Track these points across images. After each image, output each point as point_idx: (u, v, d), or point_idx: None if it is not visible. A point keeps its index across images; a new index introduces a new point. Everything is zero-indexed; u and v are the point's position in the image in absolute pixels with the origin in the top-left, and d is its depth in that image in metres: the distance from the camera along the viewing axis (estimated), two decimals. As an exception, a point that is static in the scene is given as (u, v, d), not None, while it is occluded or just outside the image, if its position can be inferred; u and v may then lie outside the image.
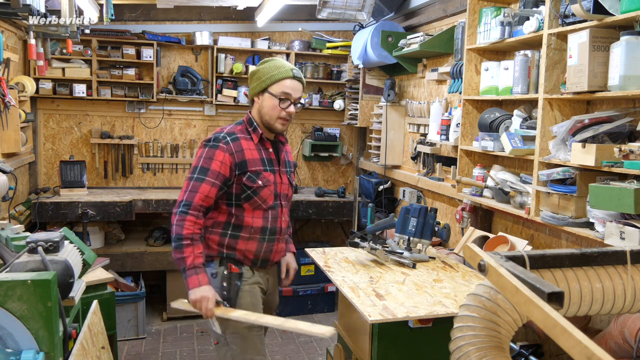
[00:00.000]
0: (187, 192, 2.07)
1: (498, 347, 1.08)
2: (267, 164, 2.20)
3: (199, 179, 2.08)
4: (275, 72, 2.17)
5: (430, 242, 2.69)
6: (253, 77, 2.23)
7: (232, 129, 2.21)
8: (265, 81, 2.17)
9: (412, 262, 2.56)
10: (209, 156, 2.10)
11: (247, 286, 2.17)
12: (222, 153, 2.10)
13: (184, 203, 2.06)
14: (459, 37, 3.25)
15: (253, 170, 2.14)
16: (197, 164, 2.11)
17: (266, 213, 2.19)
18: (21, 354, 1.42)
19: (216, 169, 2.08)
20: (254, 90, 2.21)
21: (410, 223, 2.65)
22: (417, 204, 2.72)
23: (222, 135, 2.15)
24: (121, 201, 4.13)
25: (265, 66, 2.21)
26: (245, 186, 2.13)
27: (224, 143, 2.12)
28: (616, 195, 1.91)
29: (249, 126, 2.23)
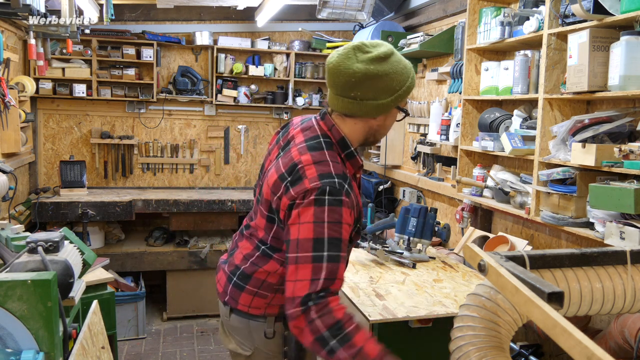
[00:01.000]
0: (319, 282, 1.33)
1: (498, 347, 1.08)
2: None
3: (334, 258, 1.35)
4: (410, 78, 1.51)
5: (430, 242, 2.69)
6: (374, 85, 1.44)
7: (337, 167, 1.44)
8: (402, 95, 1.49)
9: (412, 262, 2.56)
10: (335, 219, 1.37)
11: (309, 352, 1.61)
12: (348, 210, 1.41)
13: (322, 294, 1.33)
14: (459, 37, 3.25)
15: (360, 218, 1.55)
16: (321, 233, 1.36)
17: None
18: (21, 354, 1.42)
19: (346, 237, 1.41)
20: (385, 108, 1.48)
21: (410, 223, 2.65)
22: (417, 204, 2.72)
23: (337, 181, 1.40)
24: (121, 201, 4.13)
25: (395, 70, 1.46)
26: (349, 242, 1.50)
27: (346, 194, 1.40)
28: (616, 195, 1.91)
29: (341, 151, 1.52)
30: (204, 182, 4.99)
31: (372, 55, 1.44)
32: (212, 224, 4.45)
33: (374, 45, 1.47)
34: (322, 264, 1.34)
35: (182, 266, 4.33)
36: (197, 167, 4.95)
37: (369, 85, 1.43)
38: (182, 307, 4.38)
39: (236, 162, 5.07)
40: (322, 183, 1.38)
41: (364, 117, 1.50)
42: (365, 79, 1.42)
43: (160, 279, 4.70)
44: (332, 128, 1.52)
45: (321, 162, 1.43)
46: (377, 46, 1.47)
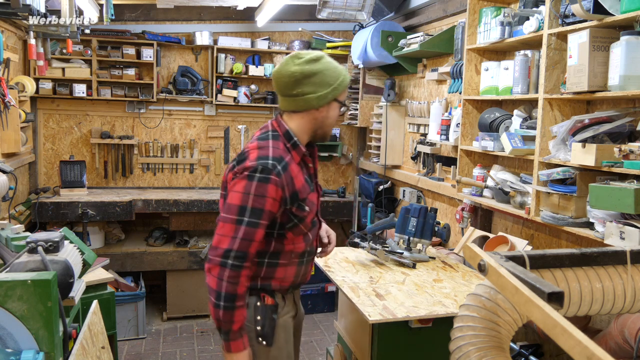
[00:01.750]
0: (237, 240, 1.66)
1: (498, 347, 1.08)
2: (310, 184, 1.87)
3: (253, 224, 1.67)
4: (342, 75, 1.81)
5: (430, 242, 2.69)
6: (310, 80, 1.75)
7: (277, 151, 1.75)
8: (337, 88, 1.79)
9: (412, 262, 2.56)
10: (261, 193, 1.68)
11: (282, 320, 1.88)
12: (274, 188, 1.69)
13: (235, 254, 1.65)
14: (459, 37, 3.25)
15: (303, 197, 1.79)
16: (245, 202, 1.67)
17: (306, 237, 1.89)
18: (21, 354, 1.42)
19: (270, 209, 1.70)
20: (323, 99, 1.77)
21: (410, 223, 2.65)
22: (417, 204, 2.73)
23: (270, 162, 1.70)
24: (121, 201, 4.14)
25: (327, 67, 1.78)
26: (293, 215, 1.78)
27: (276, 174, 1.70)
28: (616, 195, 1.91)
29: (287, 141, 1.80)
30: (204, 182, 4.99)
31: (305, 59, 1.76)
32: (212, 224, 4.45)
33: (307, 53, 1.79)
34: (242, 227, 1.66)
35: (182, 266, 4.33)
36: (197, 167, 4.95)
37: (307, 82, 1.75)
38: (182, 307, 4.38)
39: (236, 162, 5.06)
40: (258, 163, 1.69)
41: (307, 109, 1.80)
42: (303, 77, 1.74)
43: (160, 279, 4.70)
44: (280, 124, 1.83)
45: (263, 147, 1.75)
46: (309, 53, 1.79)
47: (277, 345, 1.84)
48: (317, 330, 4.29)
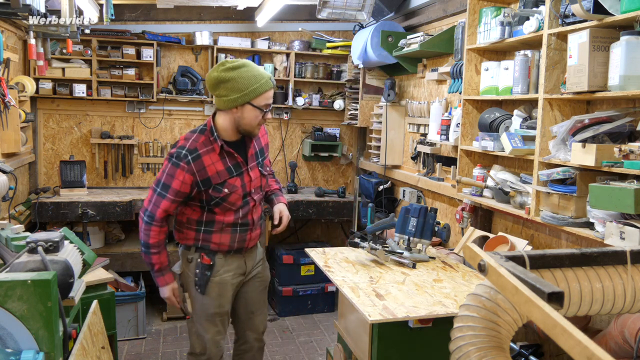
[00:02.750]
0: (151, 204, 2.24)
1: (498, 347, 1.08)
2: (233, 171, 2.27)
3: (161, 195, 2.22)
4: (256, 84, 2.14)
5: (430, 242, 2.69)
6: (224, 85, 2.13)
7: (194, 144, 2.21)
8: (248, 94, 2.14)
9: (412, 262, 2.56)
10: (171, 173, 2.19)
11: (217, 278, 2.34)
12: (182, 173, 2.17)
13: (148, 213, 2.25)
14: (459, 37, 3.25)
15: (217, 182, 2.22)
16: (161, 177, 2.21)
17: (237, 213, 2.32)
18: (21, 354, 1.42)
19: (176, 188, 2.19)
20: (234, 102, 2.14)
21: (410, 223, 2.65)
22: (417, 204, 2.72)
23: (183, 152, 2.18)
24: (121, 201, 4.14)
25: (241, 75, 2.12)
26: (212, 196, 2.24)
27: (186, 163, 2.17)
28: (616, 195, 1.91)
29: (210, 136, 2.24)
30: (204, 182, 4.98)
31: (225, 67, 2.12)
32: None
33: (232, 62, 2.14)
34: (155, 195, 2.23)
35: (182, 266, 4.32)
36: (197, 167, 4.95)
37: (222, 86, 2.13)
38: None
39: (236, 162, 5.06)
40: (176, 151, 2.19)
41: (224, 109, 2.20)
42: (218, 82, 2.13)
43: (160, 279, 4.70)
44: (211, 121, 2.26)
45: (187, 139, 2.23)
46: (233, 61, 2.15)
47: (209, 295, 2.34)
48: (317, 330, 4.28)
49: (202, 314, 2.37)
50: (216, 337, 2.41)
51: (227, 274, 2.37)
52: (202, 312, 2.36)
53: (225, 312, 2.43)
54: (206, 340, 2.39)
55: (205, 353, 2.41)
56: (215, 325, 2.39)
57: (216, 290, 2.35)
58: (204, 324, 2.38)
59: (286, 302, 4.47)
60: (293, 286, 4.48)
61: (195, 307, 2.38)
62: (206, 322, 2.38)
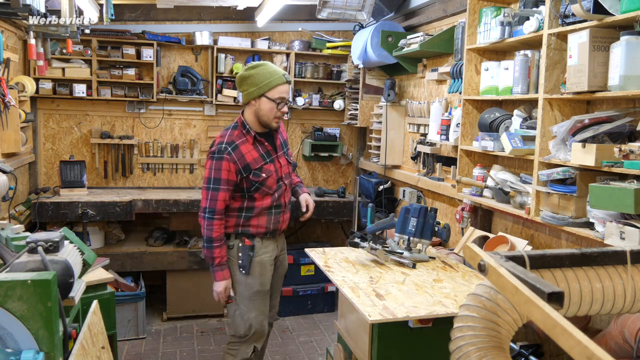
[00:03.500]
0: (208, 200, 2.52)
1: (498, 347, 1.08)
2: (266, 158, 2.60)
3: (215, 189, 2.51)
4: (270, 78, 2.50)
5: (430, 242, 2.69)
6: (245, 82, 2.53)
7: (230, 138, 2.55)
8: (262, 87, 2.50)
9: (412, 262, 2.56)
10: (218, 167, 2.50)
11: (258, 258, 2.63)
12: (227, 163, 2.50)
13: (209, 210, 2.52)
14: (459, 37, 3.25)
15: (256, 167, 2.55)
16: (210, 175, 2.52)
17: (272, 196, 2.63)
18: (21, 354, 1.42)
19: (225, 178, 2.51)
20: (251, 95, 2.53)
21: (410, 223, 2.65)
22: (417, 204, 2.72)
23: (223, 146, 2.52)
24: (121, 201, 4.14)
25: (258, 72, 2.51)
26: (252, 182, 2.55)
27: (227, 154, 2.50)
28: (616, 195, 1.91)
29: (242, 129, 2.59)
30: (204, 182, 4.99)
31: (247, 67, 2.56)
32: (212, 224, 4.44)
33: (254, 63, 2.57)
34: (209, 192, 2.52)
35: (182, 266, 4.33)
36: (197, 167, 4.95)
37: (244, 82, 2.54)
38: (182, 307, 4.38)
39: (236, 162, 5.06)
40: (216, 147, 2.53)
41: (247, 102, 2.58)
42: (242, 79, 2.55)
43: (160, 279, 4.70)
44: (239, 117, 2.63)
45: (222, 136, 2.58)
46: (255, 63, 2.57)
47: (252, 275, 2.63)
48: (317, 330, 4.29)
49: (246, 294, 2.62)
50: (260, 317, 2.65)
51: (265, 255, 2.66)
52: (247, 292, 2.62)
53: (266, 291, 2.68)
54: (251, 319, 2.62)
55: (250, 333, 2.63)
56: (257, 304, 2.64)
57: (258, 269, 2.64)
58: (248, 304, 2.62)
59: (286, 302, 4.47)
60: (293, 286, 4.48)
61: (240, 289, 2.62)
62: (250, 302, 2.63)
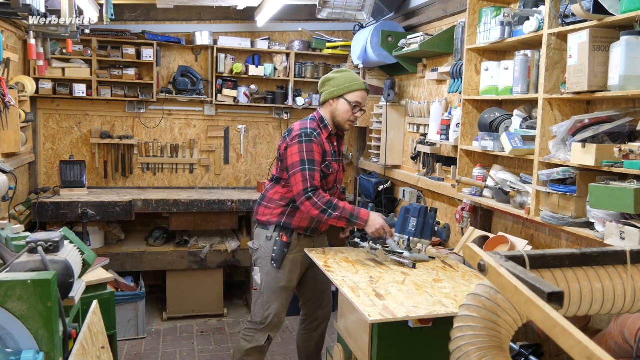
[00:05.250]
0: (307, 181, 2.56)
1: (498, 347, 1.08)
2: (333, 155, 2.75)
3: (312, 169, 2.59)
4: (352, 82, 2.68)
5: (430, 242, 2.68)
6: (328, 82, 2.72)
7: (312, 126, 2.69)
8: (343, 89, 2.67)
9: (412, 262, 2.56)
10: (309, 149, 2.60)
11: (292, 255, 2.74)
12: (316, 146, 2.63)
13: (309, 189, 2.56)
14: (459, 37, 3.25)
15: (329, 160, 2.69)
16: (302, 157, 2.59)
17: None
18: (21, 354, 1.42)
19: (318, 159, 2.63)
20: (331, 94, 2.69)
21: (410, 223, 2.64)
22: (417, 203, 2.72)
23: (309, 131, 2.64)
24: (121, 201, 4.14)
25: (342, 75, 2.71)
26: (322, 173, 2.65)
27: (315, 137, 2.64)
28: (616, 195, 1.91)
29: (320, 123, 2.73)
30: (204, 182, 4.99)
31: (333, 71, 2.78)
32: (212, 224, 4.45)
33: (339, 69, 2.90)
34: (305, 172, 2.57)
35: (182, 266, 4.33)
36: (197, 167, 4.95)
37: (327, 83, 2.73)
38: (182, 307, 4.38)
39: (236, 162, 5.07)
40: (301, 131, 2.64)
41: (327, 101, 2.73)
42: (326, 80, 2.75)
43: (160, 279, 4.70)
44: (318, 113, 2.78)
45: (302, 123, 2.72)
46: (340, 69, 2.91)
47: (283, 271, 2.72)
48: (317, 330, 4.28)
49: (273, 286, 2.73)
50: (280, 310, 2.76)
51: (300, 254, 2.75)
52: (274, 285, 2.72)
53: (292, 288, 2.80)
54: (271, 310, 2.73)
55: (265, 323, 2.75)
56: (281, 298, 2.75)
57: (289, 266, 2.74)
58: (271, 296, 2.73)
59: (286, 302, 4.46)
60: (293, 286, 4.48)
61: (267, 280, 2.73)
62: (274, 294, 2.74)
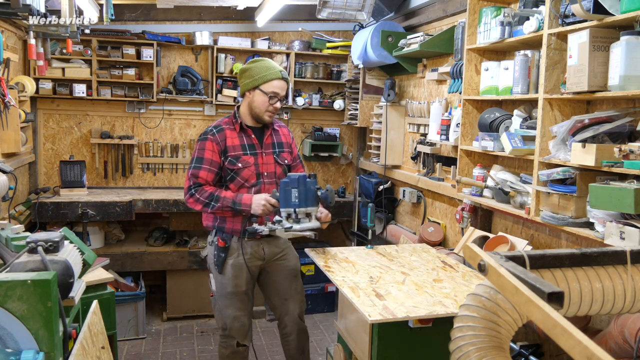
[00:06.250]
0: (189, 179, 2.59)
1: (498, 347, 1.08)
2: (247, 149, 2.64)
3: (196, 167, 2.58)
4: (266, 72, 2.59)
5: (317, 207, 2.58)
6: (244, 74, 2.64)
7: (219, 122, 2.68)
8: (257, 80, 2.59)
9: (313, 234, 2.50)
10: (202, 147, 2.60)
11: (232, 259, 2.66)
12: (210, 143, 2.59)
13: (190, 187, 2.59)
14: (459, 37, 3.25)
15: (233, 155, 2.61)
16: (194, 155, 2.62)
17: (249, 190, 2.64)
18: (21, 354, 1.42)
19: (209, 157, 2.59)
20: (246, 86, 2.62)
21: (292, 194, 2.52)
22: (294, 173, 2.61)
23: (209, 128, 2.65)
24: (121, 201, 4.13)
25: (256, 65, 2.62)
26: (228, 169, 2.60)
27: (211, 135, 2.61)
28: (616, 195, 1.91)
29: (233, 118, 2.69)
30: (204, 182, 4.99)
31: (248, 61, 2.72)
32: (212, 224, 4.44)
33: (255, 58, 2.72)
34: (190, 171, 2.60)
35: (182, 266, 4.33)
36: (197, 167, 4.95)
37: (242, 74, 2.66)
38: (182, 307, 4.38)
39: (236, 162, 5.06)
40: (204, 131, 2.67)
41: (243, 93, 2.68)
42: (241, 71, 2.68)
43: (160, 279, 4.70)
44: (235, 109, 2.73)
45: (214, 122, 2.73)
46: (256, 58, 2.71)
47: (226, 276, 2.65)
48: (317, 330, 4.28)
49: (221, 292, 2.68)
50: (236, 314, 2.67)
51: (240, 258, 2.65)
52: (222, 290, 2.67)
53: (243, 292, 2.68)
54: (227, 316, 2.67)
55: (227, 328, 2.69)
56: (233, 303, 2.67)
57: (232, 271, 2.65)
58: (224, 301, 2.68)
59: (286, 302, 4.47)
60: (293, 286, 4.48)
61: (217, 285, 2.68)
62: (225, 300, 2.67)
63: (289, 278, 2.81)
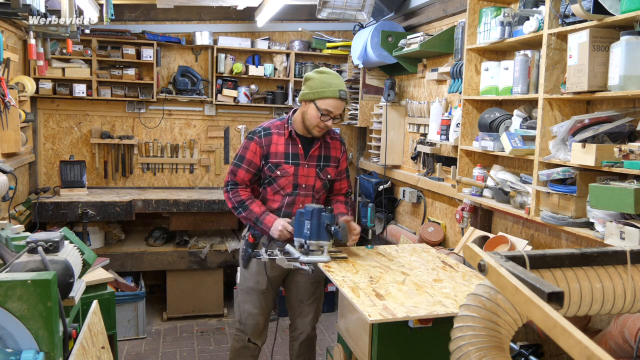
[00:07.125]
0: (229, 174, 2.67)
1: (498, 347, 1.08)
2: (290, 158, 2.63)
3: (237, 165, 2.64)
4: (324, 88, 2.51)
5: (329, 242, 2.58)
6: (306, 82, 2.59)
7: (270, 124, 2.68)
8: (314, 93, 2.53)
9: (310, 268, 2.51)
10: (246, 146, 2.63)
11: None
12: (254, 145, 2.61)
13: (228, 182, 2.66)
14: (459, 37, 3.25)
15: (274, 161, 2.61)
16: (237, 153, 2.67)
17: (284, 198, 2.65)
18: (21, 354, 1.42)
19: (250, 158, 2.62)
20: (304, 96, 2.58)
21: (305, 226, 2.54)
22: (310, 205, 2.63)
23: (258, 129, 2.66)
24: (121, 201, 4.14)
25: (318, 77, 2.55)
26: (267, 174, 2.62)
27: (258, 136, 2.62)
28: (616, 195, 1.91)
29: (286, 122, 2.66)
30: (204, 182, 4.99)
31: (315, 70, 2.61)
32: (212, 224, 4.45)
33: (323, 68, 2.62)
34: (231, 166, 2.66)
35: (182, 266, 4.33)
36: (197, 167, 4.95)
37: (306, 83, 2.60)
38: (182, 307, 4.38)
39: (236, 162, 5.07)
40: (254, 129, 2.68)
41: (300, 101, 2.62)
42: (305, 79, 2.61)
43: (160, 279, 4.70)
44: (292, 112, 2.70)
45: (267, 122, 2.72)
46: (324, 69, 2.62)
47: (249, 270, 2.72)
48: (317, 330, 4.28)
49: (243, 286, 2.76)
50: (252, 311, 2.73)
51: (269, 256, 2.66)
52: (243, 284, 2.75)
53: (262, 291, 2.72)
54: (243, 311, 2.74)
55: (242, 322, 2.77)
56: (252, 299, 2.73)
57: (255, 267, 2.70)
58: (244, 296, 2.75)
59: (286, 302, 4.46)
60: (293, 286, 4.48)
61: (241, 279, 2.77)
62: (245, 295, 2.75)
63: (312, 282, 2.83)
